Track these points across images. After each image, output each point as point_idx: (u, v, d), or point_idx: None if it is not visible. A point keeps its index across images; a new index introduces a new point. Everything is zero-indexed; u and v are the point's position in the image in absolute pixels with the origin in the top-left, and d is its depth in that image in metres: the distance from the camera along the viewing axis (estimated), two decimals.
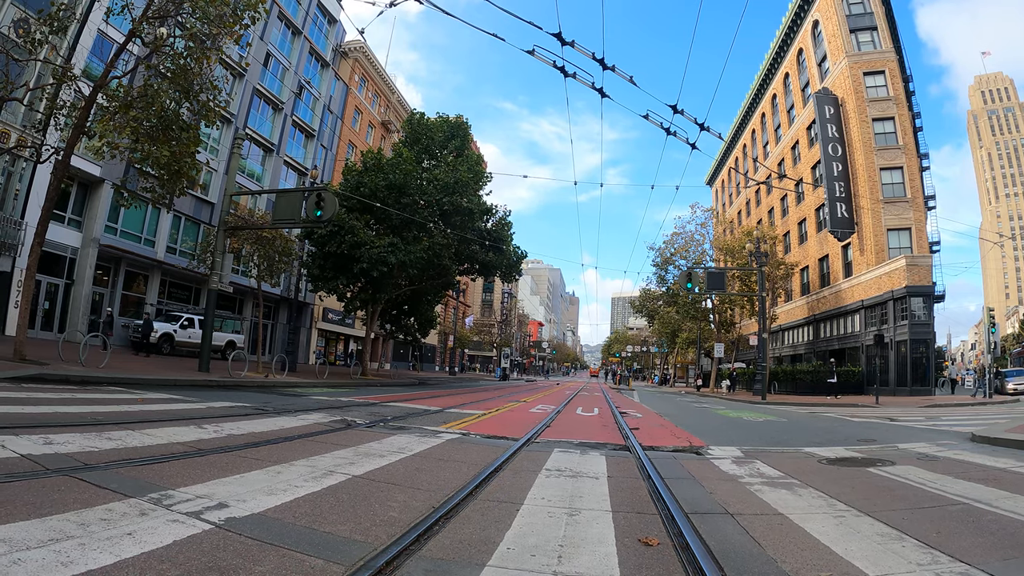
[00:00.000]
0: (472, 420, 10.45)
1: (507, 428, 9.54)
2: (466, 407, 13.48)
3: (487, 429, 9.10)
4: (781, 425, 13.16)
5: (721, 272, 27.97)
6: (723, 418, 15.17)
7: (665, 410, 17.63)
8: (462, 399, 17.04)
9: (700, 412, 17.72)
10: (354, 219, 24.59)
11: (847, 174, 40.42)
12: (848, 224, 39.20)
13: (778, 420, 14.57)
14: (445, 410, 12.37)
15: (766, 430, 11.77)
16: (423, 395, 18.42)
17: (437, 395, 18.93)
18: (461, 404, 14.39)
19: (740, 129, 66.92)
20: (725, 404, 24.14)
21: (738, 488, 5.31)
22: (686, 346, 58.13)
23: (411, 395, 17.89)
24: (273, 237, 21.74)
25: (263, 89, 41.12)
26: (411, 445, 6.81)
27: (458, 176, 26.06)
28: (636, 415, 14.41)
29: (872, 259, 37.09)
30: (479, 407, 13.72)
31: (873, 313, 36.42)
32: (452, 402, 15.03)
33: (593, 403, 19.75)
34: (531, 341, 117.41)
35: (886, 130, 40.62)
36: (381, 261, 23.58)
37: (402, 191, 25.50)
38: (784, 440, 9.81)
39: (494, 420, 10.95)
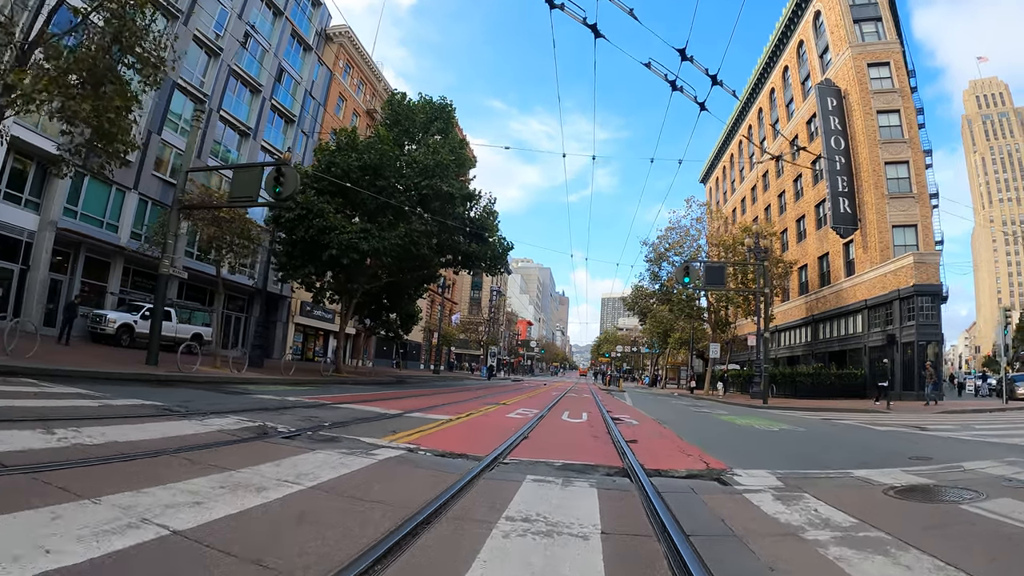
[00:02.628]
0: (431, 428, 8.44)
1: (472, 441, 7.54)
2: (433, 410, 11.46)
3: (444, 442, 7.09)
4: (803, 436, 11.25)
5: (720, 267, 26.09)
6: (731, 426, 13.23)
7: (662, 415, 15.66)
8: (433, 400, 15.02)
9: (701, 418, 15.79)
10: (324, 202, 22.55)
11: (850, 168, 38.73)
12: (851, 220, 37.48)
13: (795, 429, 12.65)
14: (405, 414, 10.34)
15: (790, 443, 9.85)
16: (391, 395, 16.41)
17: (407, 395, 16.91)
18: (428, 407, 12.37)
19: (736, 124, 65.19)
20: (725, 408, 22.26)
21: (809, 556, 3.32)
22: (678, 347, 56.30)
23: (377, 395, 15.85)
24: (231, 218, 19.61)
25: (240, 70, 38.94)
26: (321, 469, 4.80)
27: (439, 159, 24.04)
28: (631, 422, 12.44)
29: (876, 257, 35.35)
30: (448, 411, 11.70)
31: (877, 313, 34.67)
32: (419, 404, 12.99)
33: (582, 406, 17.78)
34: (519, 340, 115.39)
35: (891, 123, 39.01)
36: (352, 248, 21.56)
37: (377, 173, 23.48)
38: (820, 459, 7.87)
39: (460, 428, 8.95)
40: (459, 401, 15.59)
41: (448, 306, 78.67)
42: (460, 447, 6.73)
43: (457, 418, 10.29)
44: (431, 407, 12.34)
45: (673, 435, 10.01)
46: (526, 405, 15.81)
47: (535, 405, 16.02)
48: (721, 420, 14.97)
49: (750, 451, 8.46)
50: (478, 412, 12.07)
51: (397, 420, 9.28)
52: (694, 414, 17.18)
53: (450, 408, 12.55)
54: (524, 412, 12.84)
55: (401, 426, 8.31)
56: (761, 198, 56.09)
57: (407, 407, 11.78)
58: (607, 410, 15.74)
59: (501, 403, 15.98)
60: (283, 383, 18.44)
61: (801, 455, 8.12)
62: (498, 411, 12.87)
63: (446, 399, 16.28)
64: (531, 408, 14.29)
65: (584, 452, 7.21)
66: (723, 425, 13.35)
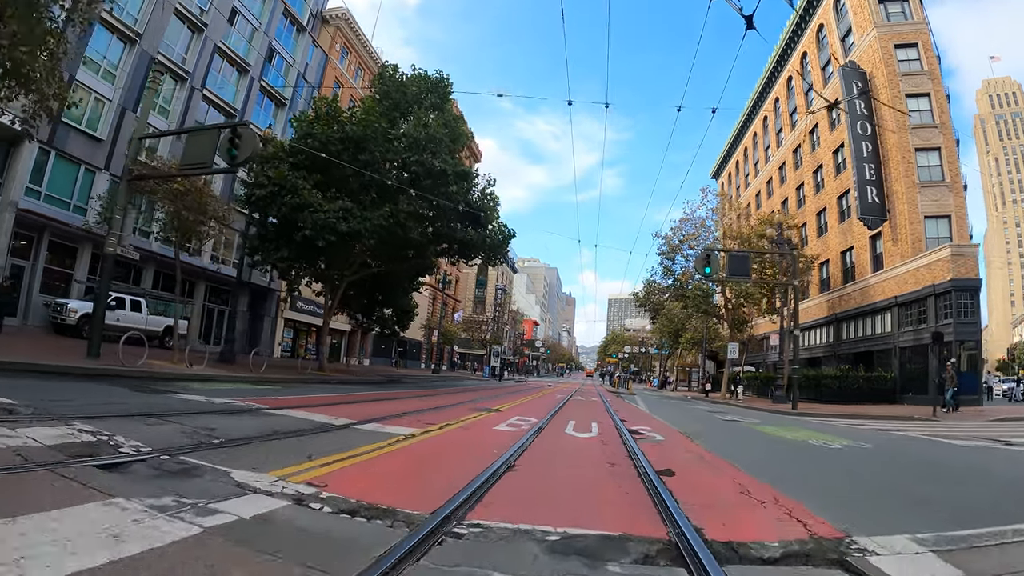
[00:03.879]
0: (371, 452, 5.81)
1: (422, 476, 4.91)
2: (397, 420, 8.85)
3: (373, 481, 4.46)
4: (885, 458, 8.69)
5: (745, 256, 23.37)
6: (779, 441, 10.56)
7: (688, 426, 12.94)
8: (409, 405, 12.38)
9: (735, 429, 13.11)
10: (300, 178, 19.99)
11: (877, 155, 35.97)
12: (879, 211, 34.70)
13: (860, 446, 10.00)
14: (354, 426, 7.73)
15: (880, 471, 7.26)
16: (361, 398, 13.82)
17: (382, 398, 14.32)
18: (396, 414, 9.74)
19: (750, 116, 62.44)
20: (753, 415, 19.62)
21: None
22: (690, 347, 53.50)
23: (341, 398, 13.26)
24: (185, 191, 17.02)
25: (226, 48, 36.48)
26: (59, 550, 2.19)
27: (430, 132, 21.44)
28: (654, 436, 9.77)
29: (908, 250, 32.59)
30: (420, 420, 9.08)
31: (909, 311, 31.89)
32: (386, 410, 10.35)
33: (590, 413, 15.16)
34: (524, 339, 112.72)
35: (920, 107, 36.28)
36: (328, 228, 19.03)
37: (360, 146, 20.94)
38: (955, 502, 5.20)
39: (417, 451, 6.33)
40: (443, 406, 12.97)
41: (451, 303, 76.04)
42: (394, 491, 4.11)
43: (425, 432, 7.68)
44: (399, 414, 9.73)
45: (718, 459, 7.35)
46: (524, 412, 13.17)
47: (535, 412, 13.37)
48: (761, 432, 12.32)
49: (838, 489, 5.80)
50: (459, 422, 9.45)
51: (333, 436, 6.68)
52: (723, 424, 14.51)
53: (425, 416, 9.93)
54: (519, 422, 10.20)
55: (329, 447, 5.70)
56: (777, 191, 53.33)
57: (367, 414, 9.16)
58: (620, 418, 13.10)
59: (494, 409, 13.35)
60: (244, 381, 15.96)
61: (919, 496, 5.45)
62: (486, 420, 10.24)
63: (428, 403, 13.67)
64: (529, 416, 11.62)
65: (599, 501, 4.55)
66: (768, 440, 10.71)
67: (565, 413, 13.95)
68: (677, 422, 13.56)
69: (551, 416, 12.41)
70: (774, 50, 54.76)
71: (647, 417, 15.09)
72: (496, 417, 11.03)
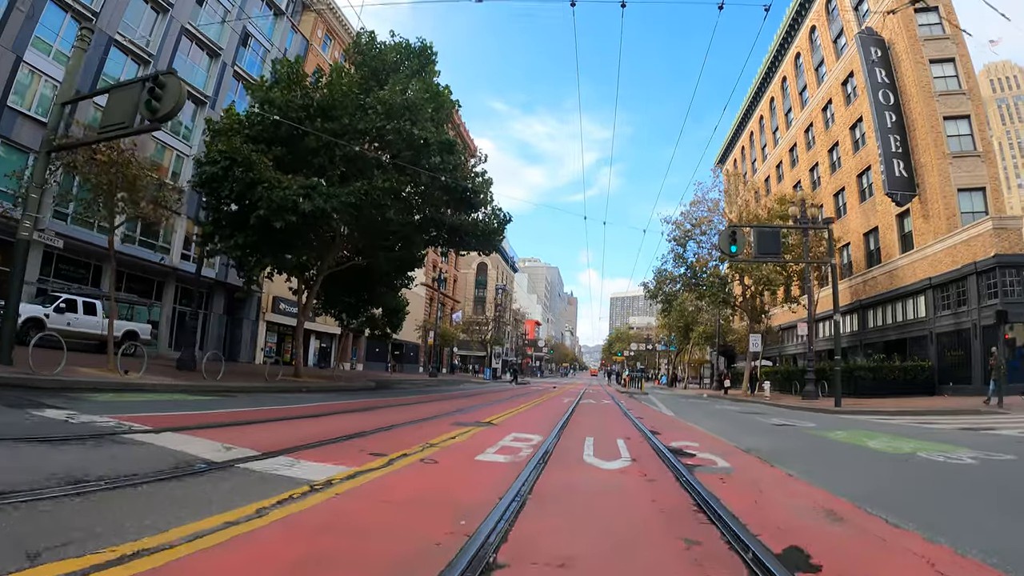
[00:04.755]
0: (214, 537, 2.92)
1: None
2: (324, 452, 5.94)
3: None
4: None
5: (775, 232, 20.44)
6: (882, 458, 7.65)
7: (742, 437, 9.83)
8: (367, 422, 9.47)
9: (806, 440, 10.13)
10: (257, 151, 17.12)
11: (902, 125, 33.10)
12: (908, 185, 31.82)
13: (1000, 457, 7.10)
14: (244, 465, 4.80)
15: None
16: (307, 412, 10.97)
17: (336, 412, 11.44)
18: (332, 439, 6.80)
19: (756, 99, 59.58)
20: (797, 416, 16.76)
21: None
22: (702, 342, 50.56)
23: (277, 413, 10.32)
24: (110, 161, 14.07)
25: (195, 31, 33.70)
26: None
27: (409, 99, 18.56)
28: (713, 460, 6.75)
29: (941, 227, 29.70)
30: (361, 451, 6.15)
31: (946, 293, 28.98)
32: (326, 432, 7.43)
33: (608, 421, 12.27)
34: (527, 340, 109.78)
35: (946, 73, 33.43)
36: (287, 207, 16.15)
37: (328, 114, 18.09)
38: None
39: (313, 523, 3.45)
40: (418, 420, 10.08)
41: (449, 304, 73.06)
42: None
43: (358, 475, 4.77)
44: (340, 438, 6.83)
45: (848, 506, 4.41)
46: (524, 424, 10.27)
47: (538, 424, 10.46)
48: (840, 442, 9.45)
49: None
50: (423, 450, 6.49)
51: (182, 488, 3.83)
52: (781, 431, 11.54)
53: (379, 440, 7.04)
54: (516, 444, 7.27)
55: (130, 519, 2.86)
56: (788, 175, 50.45)
57: (287, 440, 6.27)
58: (648, 428, 10.21)
59: (486, 422, 10.43)
60: (185, 391, 13.17)
61: None
62: (470, 443, 7.31)
63: (401, 415, 10.79)
64: (530, 433, 8.63)
65: None
66: (863, 455, 7.85)
67: (578, 424, 11.02)
68: (722, 431, 10.58)
69: (560, 429, 9.50)
70: (779, 28, 52.02)
71: (679, 424, 12.18)
72: (485, 436, 8.11)
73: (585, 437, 8.34)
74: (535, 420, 11.41)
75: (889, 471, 6.54)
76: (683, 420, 13.40)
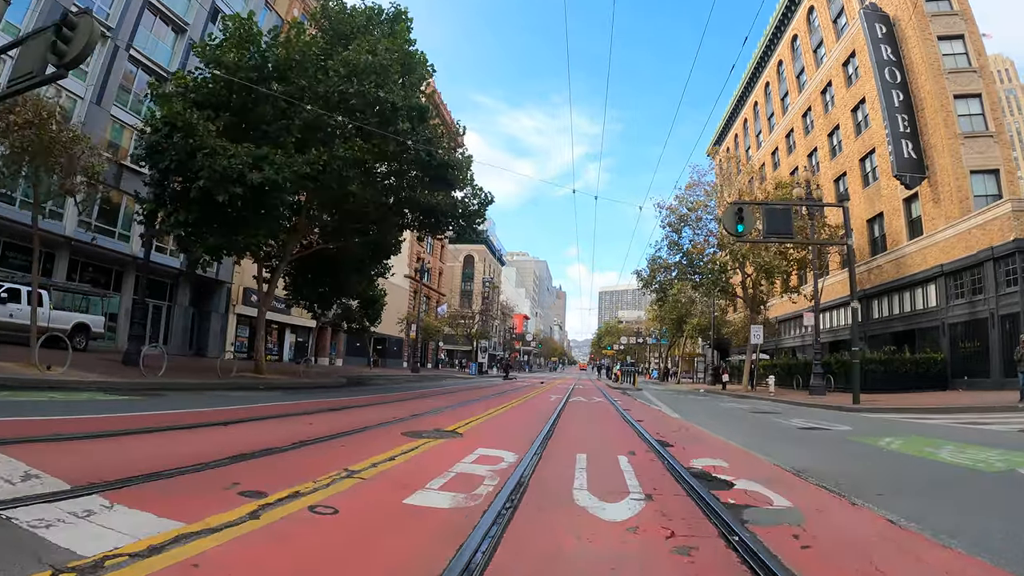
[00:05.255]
0: None
1: None
2: (191, 482, 3.85)
3: None
4: None
5: (787, 210, 18.34)
6: (983, 479, 5.57)
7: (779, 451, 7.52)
8: (293, 431, 7.26)
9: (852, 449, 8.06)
10: (204, 118, 14.85)
11: (910, 105, 31.21)
12: (917, 167, 29.94)
13: None
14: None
15: None
16: (241, 415, 8.81)
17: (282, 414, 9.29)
18: (202, 466, 4.66)
19: (750, 85, 57.65)
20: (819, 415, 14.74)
21: None
22: (696, 334, 48.60)
23: (195, 418, 8.18)
24: (26, 123, 11.76)
25: (158, 3, 31.27)
26: None
27: (376, 60, 16.31)
28: (766, 497, 4.69)
29: (954, 211, 27.84)
30: (246, 482, 4.03)
31: (959, 281, 27.14)
32: (220, 447, 5.28)
33: (604, 428, 10.19)
34: (515, 334, 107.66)
35: (955, 50, 31.60)
36: (231, 178, 13.92)
37: (283, 76, 15.85)
38: None
39: None
40: (363, 428, 7.93)
41: (434, 297, 70.75)
42: None
43: (189, 540, 2.68)
44: (209, 465, 4.64)
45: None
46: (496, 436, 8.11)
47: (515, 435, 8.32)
48: (910, 456, 7.35)
49: None
50: (344, 479, 4.38)
51: None
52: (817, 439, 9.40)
53: (278, 466, 4.88)
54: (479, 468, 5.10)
55: None
56: (785, 161, 48.58)
57: (135, 465, 4.15)
58: (656, 437, 8.12)
59: (450, 429, 8.27)
60: (109, 389, 10.98)
61: None
62: (411, 468, 5.12)
63: (345, 421, 8.66)
64: (503, 448, 6.39)
65: None
66: (956, 473, 5.85)
67: (566, 432, 8.87)
68: (745, 440, 8.45)
69: (544, 439, 7.35)
70: (775, 11, 50.10)
71: (689, 430, 10.07)
72: (437, 454, 5.95)
73: (575, 454, 6.20)
74: (513, 426, 9.30)
75: (1017, 500, 4.49)
76: (692, 423, 11.28)
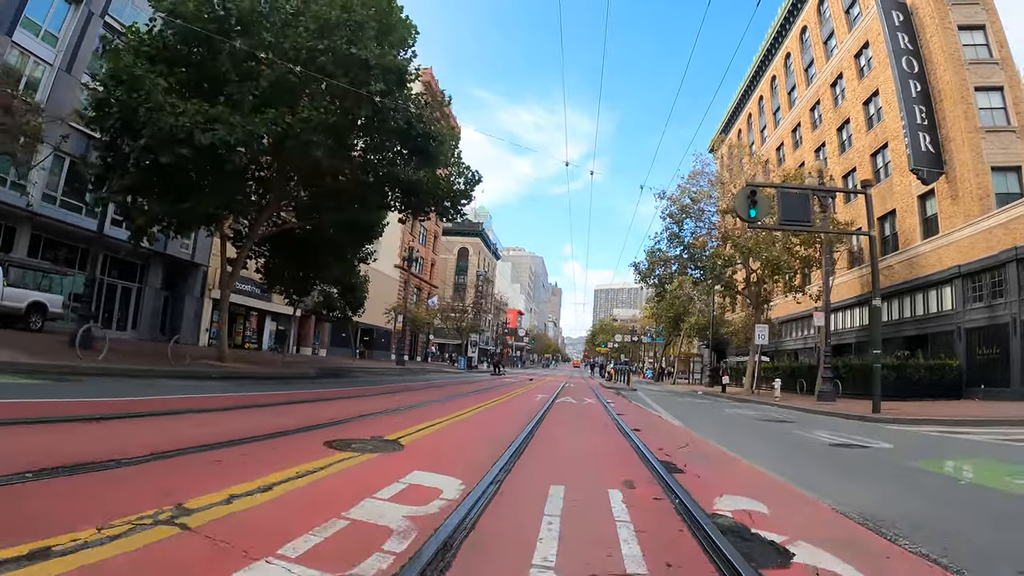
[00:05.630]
0: None
1: None
2: None
3: None
4: None
5: (804, 195, 16.56)
6: None
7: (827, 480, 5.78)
8: (183, 435, 5.51)
9: (915, 478, 6.26)
10: (156, 73, 13.01)
11: (928, 96, 29.51)
12: (935, 162, 28.26)
13: None
14: None
15: None
16: (136, 408, 7.00)
17: (195, 409, 7.51)
18: None
19: (755, 79, 55.90)
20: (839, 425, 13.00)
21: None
22: (693, 333, 46.87)
23: (81, 409, 6.38)
24: None
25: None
26: None
27: (349, 16, 14.45)
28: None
29: (973, 208, 26.18)
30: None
31: (978, 283, 25.45)
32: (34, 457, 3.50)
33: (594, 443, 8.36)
34: (507, 328, 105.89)
35: (975, 41, 29.98)
36: (177, 138, 12.09)
37: (246, 29, 14.00)
38: None
39: None
40: (278, 433, 6.12)
41: (425, 288, 68.89)
42: None
43: None
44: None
45: None
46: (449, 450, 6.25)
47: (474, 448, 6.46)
48: (992, 489, 5.57)
49: None
50: (171, 524, 2.68)
51: None
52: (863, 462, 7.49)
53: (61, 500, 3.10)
54: (391, 516, 3.35)
55: None
56: (791, 157, 46.84)
57: None
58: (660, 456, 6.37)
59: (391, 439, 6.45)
60: (17, 372, 9.16)
61: None
62: (284, 512, 3.35)
63: (266, 422, 6.89)
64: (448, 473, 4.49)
65: None
66: None
67: (543, 448, 6.92)
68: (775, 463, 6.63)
69: (510, 460, 5.51)
70: (783, 2, 48.36)
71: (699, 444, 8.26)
72: (348, 482, 4.11)
73: (549, 485, 4.39)
74: (477, 436, 7.47)
75: None
76: (700, 435, 9.46)
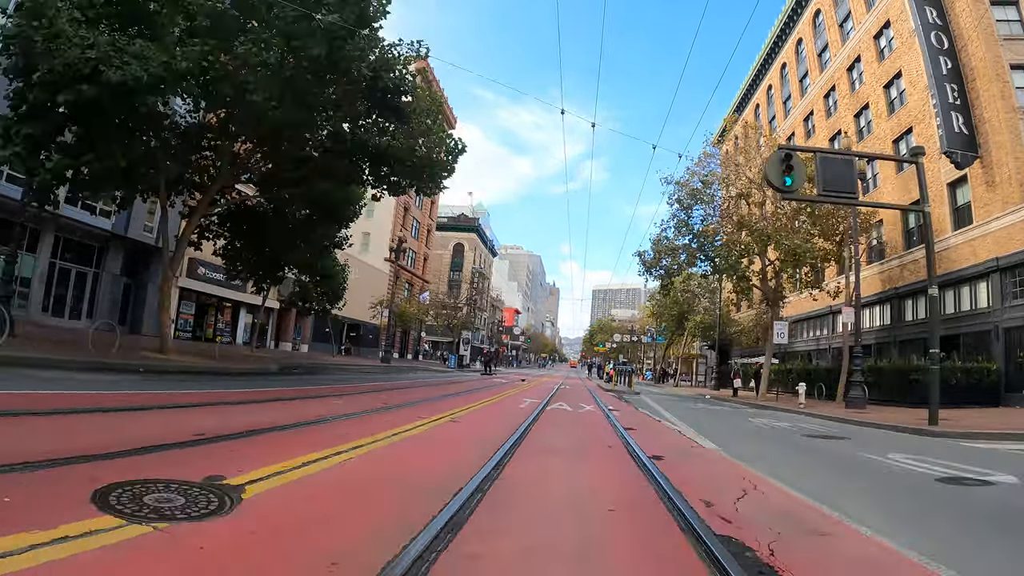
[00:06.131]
0: None
1: None
2: None
3: None
4: None
5: (849, 162, 13.92)
6: None
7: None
8: None
9: None
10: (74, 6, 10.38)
11: (959, 73, 26.79)
12: (969, 144, 25.56)
13: None
14: None
15: None
16: None
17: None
18: None
19: (764, 68, 53.20)
20: (902, 442, 10.40)
21: None
22: (697, 332, 44.26)
23: None
24: None
25: None
26: None
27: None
28: None
29: (1014, 194, 23.54)
30: None
31: (1019, 277, 22.83)
32: None
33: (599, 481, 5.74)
34: (504, 327, 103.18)
35: (1009, 17, 27.21)
36: (80, 73, 9.48)
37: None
38: None
39: None
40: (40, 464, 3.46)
41: (418, 284, 66.27)
42: None
43: None
44: None
45: None
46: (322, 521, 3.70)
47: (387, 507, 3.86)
48: None
49: None
50: None
51: None
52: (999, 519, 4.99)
53: None
54: None
55: None
56: (803, 145, 44.14)
57: None
58: (712, 521, 3.79)
59: (235, 484, 3.86)
60: None
61: None
62: None
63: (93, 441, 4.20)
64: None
65: None
66: None
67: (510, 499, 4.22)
68: (939, 547, 3.97)
69: (436, 538, 2.94)
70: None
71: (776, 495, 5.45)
72: None
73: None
74: (395, 477, 4.45)
75: None
76: (755, 471, 6.63)
